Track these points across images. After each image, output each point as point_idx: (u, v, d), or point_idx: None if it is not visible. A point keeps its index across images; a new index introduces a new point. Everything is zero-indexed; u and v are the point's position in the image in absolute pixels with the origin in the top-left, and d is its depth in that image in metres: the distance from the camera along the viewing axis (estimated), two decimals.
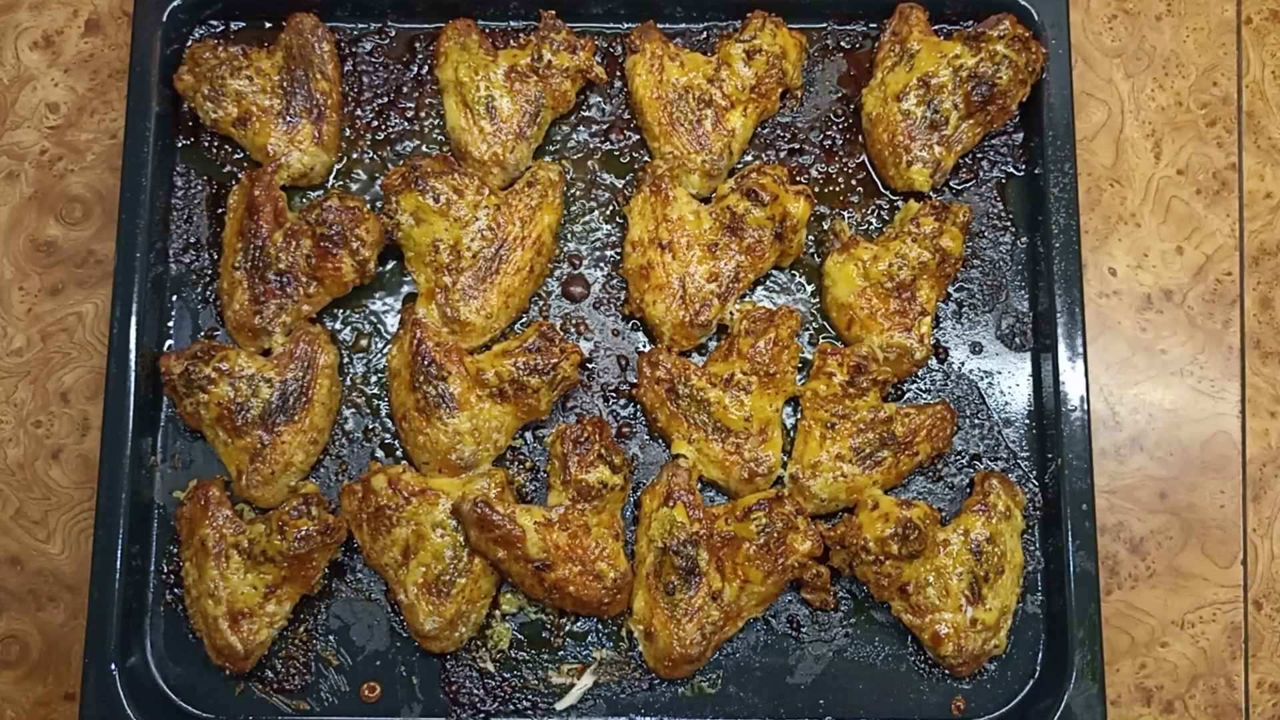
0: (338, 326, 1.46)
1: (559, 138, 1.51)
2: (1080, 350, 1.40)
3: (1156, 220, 1.55)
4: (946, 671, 1.39)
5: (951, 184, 1.49)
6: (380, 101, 1.50)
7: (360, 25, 1.52)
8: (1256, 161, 1.57)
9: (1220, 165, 1.56)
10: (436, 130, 1.50)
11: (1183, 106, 1.57)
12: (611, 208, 1.49)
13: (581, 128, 1.51)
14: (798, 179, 1.48)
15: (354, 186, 1.49)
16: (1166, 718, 1.46)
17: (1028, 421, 1.45)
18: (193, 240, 1.47)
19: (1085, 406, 1.40)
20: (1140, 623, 1.48)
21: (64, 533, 1.47)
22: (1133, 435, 1.51)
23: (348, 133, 1.49)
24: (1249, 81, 1.58)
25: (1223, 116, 1.57)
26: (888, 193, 1.49)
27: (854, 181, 1.50)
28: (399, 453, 1.43)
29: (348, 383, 1.45)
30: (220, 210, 1.47)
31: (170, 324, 1.45)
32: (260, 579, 1.35)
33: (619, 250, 1.48)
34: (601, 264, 1.48)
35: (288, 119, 1.45)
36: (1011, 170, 1.50)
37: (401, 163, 1.47)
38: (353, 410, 1.44)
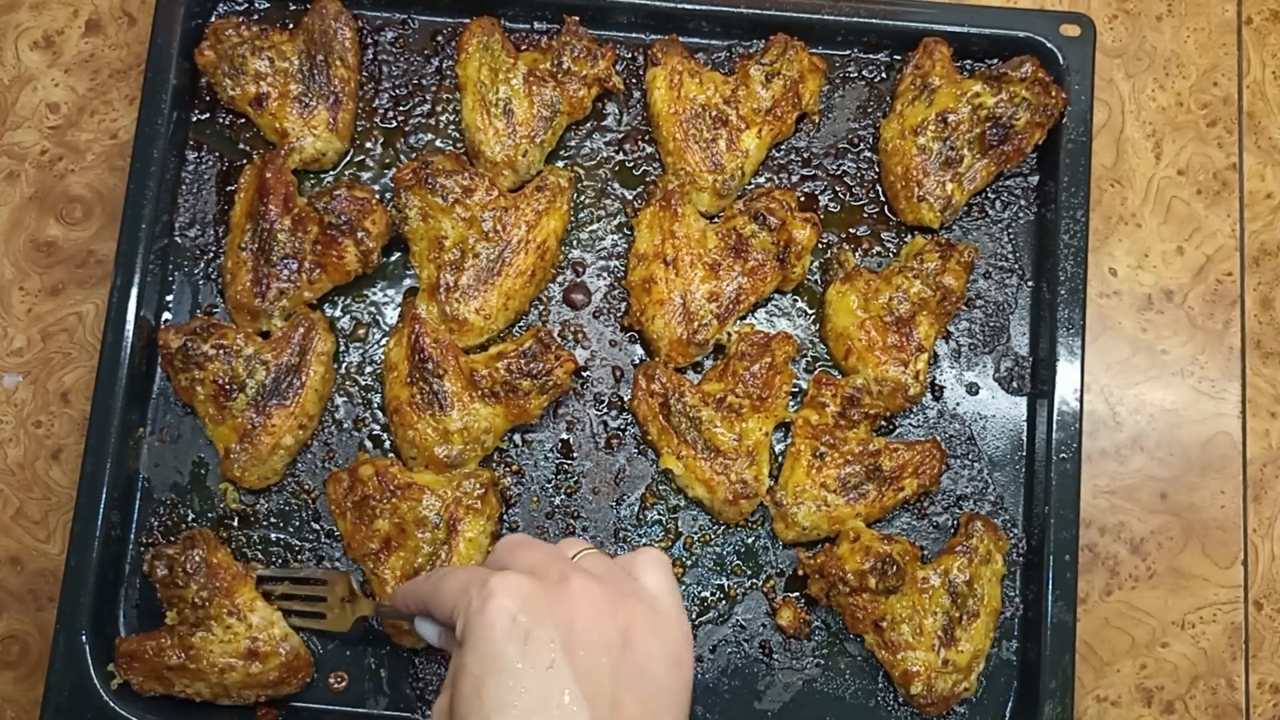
0: (337, 314, 1.46)
1: (573, 144, 1.50)
2: (1078, 399, 1.40)
3: (1157, 220, 1.55)
4: (915, 711, 1.38)
5: (962, 222, 1.49)
6: (398, 92, 1.50)
7: (384, 14, 1.51)
8: (1257, 162, 1.56)
9: (1221, 165, 1.56)
10: (451, 126, 1.50)
11: (1183, 107, 1.57)
12: (620, 219, 1.49)
13: (596, 135, 1.51)
14: (808, 205, 1.48)
15: (364, 175, 1.49)
16: (1167, 718, 1.45)
17: (1018, 467, 1.44)
18: (199, 215, 1.47)
19: (1076, 457, 1.39)
20: (1140, 623, 1.47)
21: (64, 533, 1.45)
22: (1133, 435, 1.50)
23: (362, 121, 1.49)
24: (1249, 82, 1.58)
25: (1223, 117, 1.57)
26: (897, 225, 1.49)
27: (864, 212, 1.49)
28: (387, 444, 1.43)
29: (342, 371, 1.45)
30: (229, 188, 1.47)
31: (170, 297, 1.45)
32: None
33: (623, 261, 1.47)
34: (605, 274, 1.47)
35: (304, 103, 1.45)
36: (1024, 213, 1.49)
37: (414, 156, 1.47)
38: (345, 399, 1.44)
